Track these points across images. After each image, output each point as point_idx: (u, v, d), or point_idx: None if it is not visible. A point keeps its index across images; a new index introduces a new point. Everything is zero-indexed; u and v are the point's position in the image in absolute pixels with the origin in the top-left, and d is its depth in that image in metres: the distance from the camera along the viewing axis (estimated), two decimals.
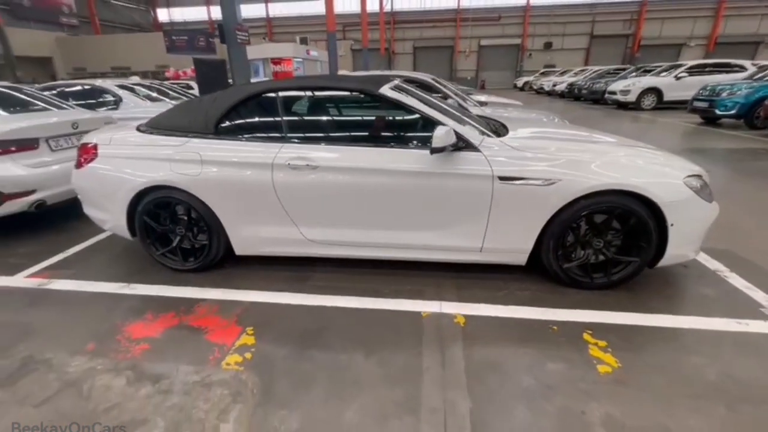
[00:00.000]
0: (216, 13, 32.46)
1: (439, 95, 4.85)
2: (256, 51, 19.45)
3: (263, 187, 2.31)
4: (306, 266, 2.61)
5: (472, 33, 30.89)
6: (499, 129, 2.63)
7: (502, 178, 2.12)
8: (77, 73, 22.57)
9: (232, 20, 7.15)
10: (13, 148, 3.02)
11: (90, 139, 2.62)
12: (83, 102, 5.35)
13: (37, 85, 5.67)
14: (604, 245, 2.24)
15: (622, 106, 13.13)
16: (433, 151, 2.04)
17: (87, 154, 2.56)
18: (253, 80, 9.10)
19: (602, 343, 1.87)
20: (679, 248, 2.19)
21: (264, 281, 2.48)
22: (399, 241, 2.35)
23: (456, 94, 5.14)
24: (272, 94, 2.41)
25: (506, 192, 2.14)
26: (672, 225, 2.10)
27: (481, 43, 31.23)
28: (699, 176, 2.21)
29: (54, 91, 5.16)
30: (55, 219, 3.57)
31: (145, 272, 2.62)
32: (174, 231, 2.55)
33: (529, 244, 2.24)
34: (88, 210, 2.75)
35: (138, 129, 2.60)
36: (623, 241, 2.26)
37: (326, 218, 2.36)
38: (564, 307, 2.15)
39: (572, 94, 17.43)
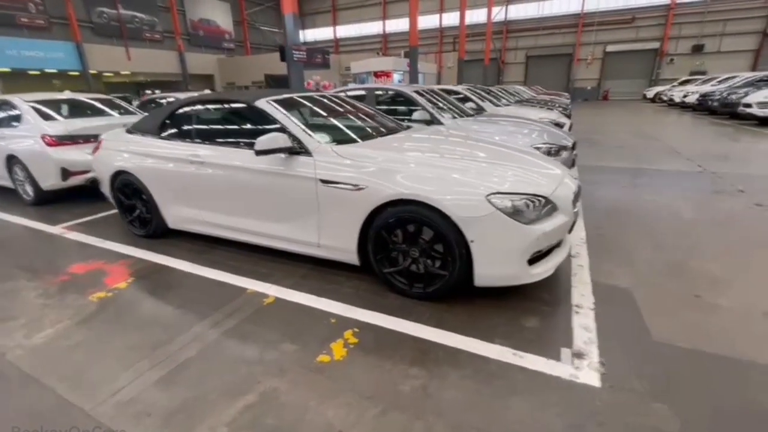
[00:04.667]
0: (339, 32, 36.40)
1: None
2: (363, 65, 21.36)
3: (176, 175, 3.00)
4: (213, 245, 3.21)
5: (597, 38, 27.77)
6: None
7: (323, 181, 2.37)
8: (228, 86, 28.17)
9: (291, 41, 8.36)
10: (79, 141, 4.42)
11: (102, 135, 3.71)
12: None
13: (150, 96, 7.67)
14: (420, 255, 2.26)
15: (765, 122, 10.50)
16: (257, 153, 2.41)
17: (98, 146, 3.65)
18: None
19: (354, 341, 1.98)
20: (492, 268, 2.10)
21: (177, 250, 3.17)
22: (260, 230, 2.77)
23: (445, 107, 5.16)
24: (189, 107, 3.11)
25: (327, 194, 2.38)
26: (472, 241, 2.04)
27: (607, 49, 27.82)
28: (528, 196, 2.07)
29: (153, 104, 7.01)
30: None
31: (120, 235, 3.58)
32: (135, 205, 3.44)
33: (352, 245, 2.41)
34: (102, 187, 3.87)
35: (126, 130, 3.58)
36: (442, 255, 2.24)
37: (212, 203, 2.93)
38: (367, 309, 2.26)
39: (705, 107, 14.43)
